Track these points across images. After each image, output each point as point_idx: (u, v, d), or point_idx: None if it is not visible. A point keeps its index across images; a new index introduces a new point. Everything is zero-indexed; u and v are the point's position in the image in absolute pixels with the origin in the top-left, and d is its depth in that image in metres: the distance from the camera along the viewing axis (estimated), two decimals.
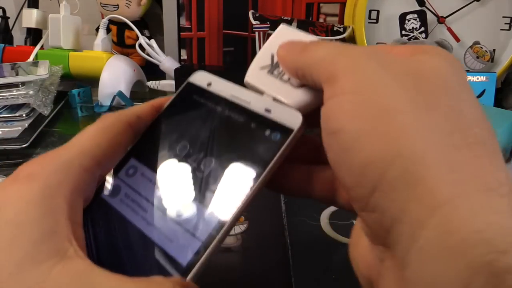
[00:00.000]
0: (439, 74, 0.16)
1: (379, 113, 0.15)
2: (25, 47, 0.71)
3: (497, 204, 0.13)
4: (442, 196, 0.13)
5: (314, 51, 0.18)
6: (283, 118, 0.21)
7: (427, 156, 0.14)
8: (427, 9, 0.65)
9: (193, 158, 0.22)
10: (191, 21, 0.71)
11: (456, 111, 0.15)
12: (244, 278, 0.30)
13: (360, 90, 0.16)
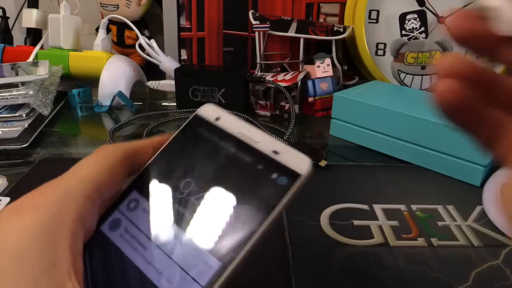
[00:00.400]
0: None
1: None
2: (25, 47, 0.70)
3: None
4: None
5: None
6: (291, 162, 0.20)
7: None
8: (427, 9, 0.65)
9: (196, 196, 0.22)
10: (191, 21, 0.71)
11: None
12: (244, 278, 0.30)
13: None
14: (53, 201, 0.19)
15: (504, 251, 0.34)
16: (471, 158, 0.43)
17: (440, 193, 0.42)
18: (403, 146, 0.48)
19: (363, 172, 0.46)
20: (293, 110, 0.56)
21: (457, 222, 0.38)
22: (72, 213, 0.19)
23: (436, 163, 0.46)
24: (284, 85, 0.59)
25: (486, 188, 0.42)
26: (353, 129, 0.52)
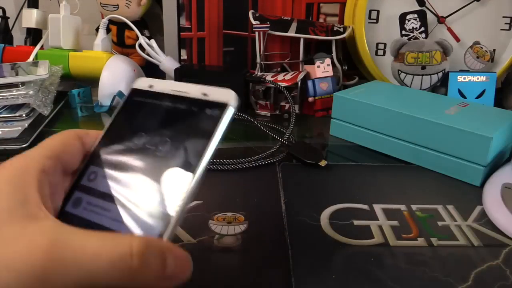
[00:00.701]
0: None
1: None
2: (25, 47, 0.70)
3: None
4: None
5: None
6: (219, 97, 0.26)
7: None
8: (427, 9, 0.65)
9: (147, 151, 0.25)
10: (191, 21, 0.71)
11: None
12: (244, 278, 0.30)
13: None
14: (19, 161, 0.23)
15: (504, 251, 0.34)
16: (471, 158, 0.43)
17: (440, 193, 0.42)
18: (403, 146, 0.48)
19: (363, 172, 0.46)
20: (293, 110, 0.56)
21: (457, 222, 0.38)
22: (36, 167, 0.23)
23: (436, 163, 0.46)
24: (284, 85, 0.59)
25: (486, 188, 0.42)
26: (353, 129, 0.52)
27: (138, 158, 0.25)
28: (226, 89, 0.26)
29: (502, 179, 0.42)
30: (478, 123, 0.45)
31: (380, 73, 0.66)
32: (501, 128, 0.44)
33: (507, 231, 0.36)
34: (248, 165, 0.46)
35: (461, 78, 0.59)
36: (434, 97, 0.55)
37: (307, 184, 0.44)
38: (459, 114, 0.47)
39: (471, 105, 0.51)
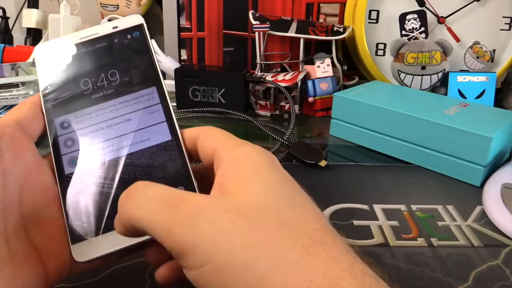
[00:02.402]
0: (261, 200, 0.19)
1: (239, 269, 0.17)
2: (25, 47, 0.71)
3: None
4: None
5: (135, 213, 0.20)
6: (130, 23, 0.28)
7: (288, 285, 0.17)
8: (427, 9, 0.65)
9: (95, 92, 0.26)
10: (191, 21, 0.71)
11: (286, 224, 0.18)
12: None
13: (213, 258, 0.18)
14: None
15: (504, 251, 0.34)
16: (471, 158, 0.43)
17: (440, 193, 0.42)
18: (403, 146, 0.48)
19: (363, 172, 0.46)
20: (293, 110, 0.56)
21: (457, 222, 0.38)
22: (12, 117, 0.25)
23: (436, 163, 0.46)
24: (284, 85, 0.59)
25: (486, 188, 0.42)
26: (353, 129, 0.52)
27: (101, 99, 0.26)
28: (132, 16, 0.28)
29: (502, 179, 0.42)
30: (478, 123, 0.45)
31: (380, 73, 0.66)
32: (501, 128, 0.44)
33: (507, 231, 0.36)
34: None
35: (461, 78, 0.59)
36: (434, 97, 0.55)
37: (307, 184, 0.43)
38: (459, 114, 0.47)
39: (471, 105, 0.51)
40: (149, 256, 0.23)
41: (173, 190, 0.20)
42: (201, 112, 0.62)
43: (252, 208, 0.19)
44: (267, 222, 0.18)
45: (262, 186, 0.20)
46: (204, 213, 0.18)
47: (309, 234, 0.18)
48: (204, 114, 0.62)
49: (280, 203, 0.19)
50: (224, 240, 0.18)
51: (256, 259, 0.17)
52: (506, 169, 0.43)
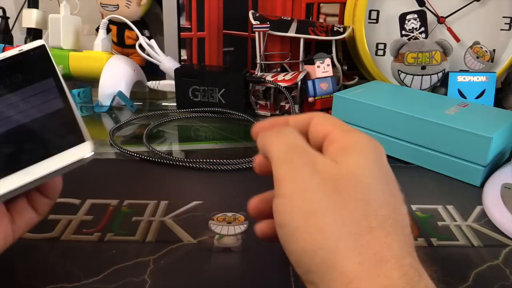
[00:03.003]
0: (356, 174, 0.22)
1: (307, 215, 0.21)
2: None
3: (389, 273, 0.19)
4: (350, 275, 0.19)
5: (271, 146, 0.24)
6: (32, 44, 0.30)
7: (339, 247, 0.20)
8: (427, 9, 0.65)
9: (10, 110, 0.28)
10: (191, 21, 0.71)
11: (364, 202, 0.21)
12: (244, 278, 0.30)
13: (294, 196, 0.22)
14: None
15: (504, 251, 0.34)
16: (471, 158, 0.43)
17: (440, 193, 0.42)
18: (403, 146, 0.48)
19: None
20: (293, 110, 0.56)
21: (457, 222, 0.38)
22: None
23: (436, 163, 0.46)
24: (284, 85, 0.59)
25: (486, 188, 0.42)
26: None
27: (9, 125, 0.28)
28: (34, 42, 0.31)
29: (502, 179, 0.42)
30: (478, 123, 0.45)
31: (380, 73, 0.66)
32: (501, 128, 0.44)
33: (507, 231, 0.36)
34: (248, 165, 0.46)
35: (461, 78, 0.59)
36: (434, 97, 0.55)
37: None
38: (459, 114, 0.47)
39: (471, 105, 0.51)
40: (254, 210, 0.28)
41: (304, 142, 0.24)
42: (201, 112, 0.62)
43: (345, 176, 0.22)
44: (350, 193, 0.21)
45: (361, 163, 0.22)
46: (310, 165, 0.22)
47: (380, 218, 0.21)
48: (204, 114, 0.62)
49: (370, 183, 0.22)
50: (310, 188, 0.21)
51: (323, 215, 0.20)
52: (506, 169, 0.43)
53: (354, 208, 0.21)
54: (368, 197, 0.21)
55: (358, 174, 0.22)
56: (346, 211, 0.21)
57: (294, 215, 0.21)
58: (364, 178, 0.22)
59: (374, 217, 0.21)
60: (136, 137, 0.55)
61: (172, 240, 0.34)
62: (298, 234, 0.21)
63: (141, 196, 0.40)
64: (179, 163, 0.46)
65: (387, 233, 0.20)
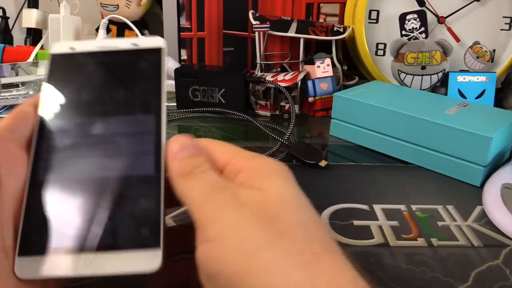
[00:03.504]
0: (282, 196, 0.20)
1: (245, 255, 0.18)
2: (25, 47, 0.71)
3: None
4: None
5: (187, 192, 0.21)
6: (150, 44, 0.27)
7: (290, 283, 0.17)
8: (427, 9, 0.65)
9: (101, 117, 0.24)
10: (191, 21, 0.71)
11: (301, 224, 0.19)
12: None
13: (225, 236, 0.19)
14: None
15: (504, 251, 0.34)
16: (471, 158, 0.43)
17: (440, 193, 0.42)
18: (403, 146, 0.48)
19: (363, 172, 0.46)
20: (293, 110, 0.56)
21: (457, 222, 0.38)
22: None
23: (436, 163, 0.46)
24: (284, 85, 0.59)
25: (486, 188, 0.42)
26: (353, 129, 0.52)
27: (92, 128, 0.24)
28: (154, 37, 0.27)
29: (502, 179, 0.42)
30: (478, 123, 0.45)
31: (380, 73, 0.66)
32: (501, 128, 0.44)
33: (507, 231, 0.36)
34: None
35: (461, 78, 0.59)
36: (434, 97, 0.55)
37: (307, 184, 0.43)
38: (459, 114, 0.47)
39: (471, 105, 0.51)
40: None
41: (220, 178, 0.22)
42: (201, 112, 0.62)
43: (272, 202, 0.20)
44: (284, 218, 0.19)
45: (282, 184, 0.21)
46: (234, 199, 0.20)
47: (320, 240, 0.19)
48: (204, 114, 0.62)
49: (299, 204, 0.21)
50: (241, 224, 0.19)
51: (264, 251, 0.18)
52: (506, 169, 0.43)
53: (293, 234, 0.19)
54: (302, 219, 0.20)
55: (285, 196, 0.21)
56: (286, 240, 0.19)
57: (230, 258, 0.18)
58: (291, 198, 0.21)
59: (316, 241, 0.19)
60: None
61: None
62: (239, 280, 0.18)
63: None
64: None
65: (334, 256, 0.19)
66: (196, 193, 0.21)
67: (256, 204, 0.20)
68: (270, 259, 0.18)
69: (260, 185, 0.21)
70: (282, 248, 0.18)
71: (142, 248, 0.21)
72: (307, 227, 0.20)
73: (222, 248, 0.19)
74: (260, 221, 0.19)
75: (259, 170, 0.22)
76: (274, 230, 0.19)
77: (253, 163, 0.22)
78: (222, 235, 0.19)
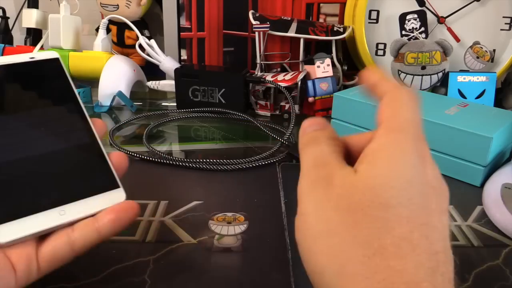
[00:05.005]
0: (373, 187, 0.20)
1: (316, 235, 0.20)
2: (25, 47, 0.70)
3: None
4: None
5: (301, 156, 0.24)
6: (45, 56, 0.30)
7: (345, 271, 0.19)
8: (427, 9, 0.65)
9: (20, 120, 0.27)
10: (191, 21, 0.71)
11: (382, 219, 0.19)
12: (244, 278, 0.30)
13: (307, 214, 0.21)
14: None
15: (504, 251, 0.34)
16: (471, 158, 0.43)
17: None
18: None
19: None
20: (293, 110, 0.56)
21: (457, 222, 0.38)
22: None
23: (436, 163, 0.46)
24: (284, 85, 0.59)
25: (486, 188, 0.42)
26: (353, 129, 0.52)
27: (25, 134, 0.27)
28: (49, 52, 0.31)
29: (502, 179, 0.42)
30: (478, 123, 0.45)
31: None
32: (501, 128, 0.44)
33: (507, 231, 0.36)
34: (248, 165, 0.46)
35: (461, 78, 0.59)
36: (434, 97, 0.55)
37: None
38: (459, 114, 0.47)
39: (471, 105, 0.51)
40: None
41: (328, 154, 0.23)
42: (201, 112, 0.62)
43: (361, 190, 0.20)
44: (365, 210, 0.19)
45: (384, 173, 0.20)
46: (326, 180, 0.21)
47: (397, 237, 0.18)
48: (204, 114, 0.62)
49: (391, 197, 0.19)
50: (323, 206, 0.20)
51: (333, 234, 0.19)
52: (506, 169, 0.43)
53: (367, 227, 0.19)
54: (386, 214, 0.19)
55: (377, 186, 0.19)
56: (358, 230, 0.19)
57: (306, 234, 0.21)
58: (383, 191, 0.19)
59: (390, 236, 0.18)
60: (136, 137, 0.55)
61: (172, 240, 0.34)
62: (308, 255, 0.20)
63: (141, 196, 0.40)
64: (179, 163, 0.46)
65: (403, 254, 0.18)
66: (303, 165, 0.23)
67: (345, 189, 0.20)
68: (335, 244, 0.19)
69: (361, 167, 0.21)
70: (351, 237, 0.19)
71: (105, 191, 0.27)
72: (389, 221, 0.19)
73: (303, 224, 0.21)
74: (341, 207, 0.20)
75: (381, 147, 0.21)
76: (349, 219, 0.19)
77: (386, 135, 0.22)
78: (306, 211, 0.21)
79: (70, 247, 0.25)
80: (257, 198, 0.40)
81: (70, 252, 0.25)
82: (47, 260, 0.25)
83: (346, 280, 0.18)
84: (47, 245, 0.25)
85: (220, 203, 0.39)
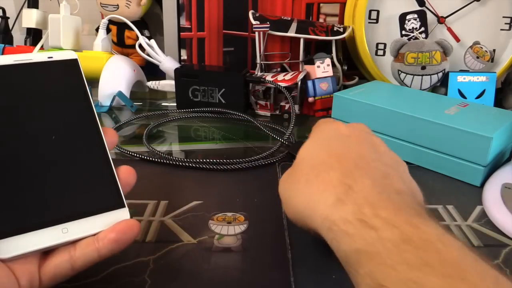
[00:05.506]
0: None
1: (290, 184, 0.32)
2: (25, 47, 0.70)
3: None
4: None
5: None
6: (64, 56, 0.29)
7: (320, 198, 0.28)
8: (427, 9, 0.65)
9: (34, 120, 0.27)
10: (191, 21, 0.71)
11: (352, 160, 0.31)
12: (244, 278, 0.30)
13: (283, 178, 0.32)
14: None
15: (504, 251, 0.34)
16: (471, 158, 0.43)
17: (440, 193, 0.42)
18: (403, 146, 0.48)
19: None
20: (293, 110, 0.56)
21: (457, 222, 0.38)
22: None
23: (436, 163, 0.46)
24: (284, 85, 0.59)
25: (486, 188, 0.42)
26: None
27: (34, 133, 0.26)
28: (67, 51, 0.30)
29: (502, 179, 0.42)
30: (478, 123, 0.45)
31: (380, 73, 0.66)
32: (501, 128, 0.44)
33: (507, 231, 0.36)
34: (248, 165, 0.46)
35: (461, 78, 0.59)
36: (434, 97, 0.55)
37: None
38: (459, 114, 0.47)
39: (471, 105, 0.51)
40: None
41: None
42: (201, 112, 0.62)
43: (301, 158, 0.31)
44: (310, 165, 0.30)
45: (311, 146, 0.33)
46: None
47: (365, 173, 0.29)
48: (204, 114, 0.62)
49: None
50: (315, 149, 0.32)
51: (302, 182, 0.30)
52: (506, 169, 0.43)
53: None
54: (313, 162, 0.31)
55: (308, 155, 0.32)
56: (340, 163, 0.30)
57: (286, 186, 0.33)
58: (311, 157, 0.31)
59: (359, 172, 0.29)
60: (136, 137, 0.55)
61: (172, 240, 0.34)
62: (289, 199, 0.31)
63: (141, 196, 0.40)
64: (179, 163, 0.46)
65: (375, 187, 0.27)
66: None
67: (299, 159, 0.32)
68: (295, 191, 0.30)
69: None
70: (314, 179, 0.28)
71: (109, 210, 0.26)
72: (358, 159, 0.30)
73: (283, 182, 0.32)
74: (327, 148, 0.31)
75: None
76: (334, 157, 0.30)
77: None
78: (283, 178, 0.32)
79: (71, 266, 0.25)
80: (257, 198, 0.40)
81: (71, 270, 0.25)
82: (48, 277, 0.25)
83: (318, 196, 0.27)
84: (50, 262, 0.25)
85: (220, 203, 0.39)
